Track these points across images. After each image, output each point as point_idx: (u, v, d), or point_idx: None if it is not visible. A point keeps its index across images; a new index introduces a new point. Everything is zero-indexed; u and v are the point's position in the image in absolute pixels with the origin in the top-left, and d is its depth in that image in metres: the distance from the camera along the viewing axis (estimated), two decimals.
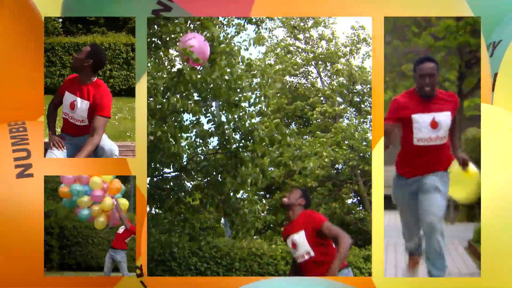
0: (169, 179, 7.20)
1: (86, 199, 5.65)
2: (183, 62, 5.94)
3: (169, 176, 7.20)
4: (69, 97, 4.42)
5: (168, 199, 7.28)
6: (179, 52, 5.89)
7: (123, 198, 5.86)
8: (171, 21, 6.28)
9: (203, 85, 5.99)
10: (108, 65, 9.42)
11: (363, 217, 12.57)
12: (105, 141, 4.42)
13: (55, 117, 4.56)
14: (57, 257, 9.55)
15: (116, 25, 10.16)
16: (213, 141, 6.76)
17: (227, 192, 6.81)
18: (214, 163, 6.75)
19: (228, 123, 6.13)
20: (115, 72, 9.67)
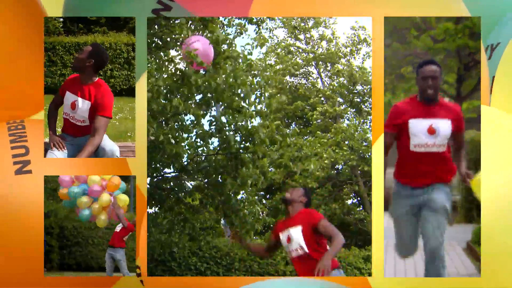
0: (169, 179, 7.19)
1: (85, 199, 5.63)
2: (187, 65, 5.89)
3: (169, 176, 7.19)
4: (70, 97, 4.38)
5: (168, 199, 7.27)
6: (183, 54, 5.85)
7: (123, 194, 5.83)
8: (172, 22, 6.27)
9: (206, 89, 5.96)
10: (109, 65, 9.40)
11: (363, 218, 12.57)
12: (106, 141, 4.40)
13: (55, 117, 4.51)
14: (57, 257, 9.55)
15: (117, 25, 10.13)
16: (214, 142, 6.75)
17: (227, 193, 6.80)
18: (214, 164, 6.73)
19: (229, 124, 6.11)
20: (116, 72, 9.66)
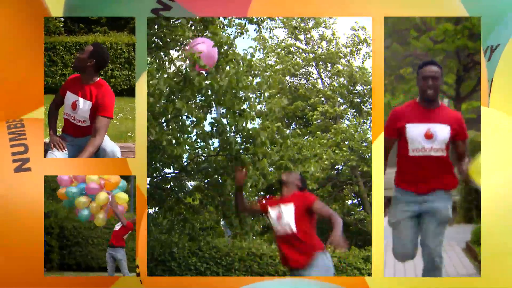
0: (169, 179, 7.18)
1: (83, 199, 5.64)
2: (190, 66, 5.85)
3: (169, 176, 7.18)
4: (71, 97, 4.36)
5: (168, 199, 7.27)
6: (186, 56, 5.82)
7: (122, 192, 5.82)
8: (172, 22, 6.26)
9: (208, 91, 5.93)
10: (109, 65, 9.39)
11: (363, 218, 12.57)
12: (107, 142, 4.37)
13: (56, 117, 4.49)
14: (57, 257, 9.55)
15: (118, 25, 10.12)
16: (214, 142, 6.74)
17: (227, 194, 6.80)
18: (215, 165, 6.72)
19: (229, 126, 6.09)
20: (116, 72, 9.65)
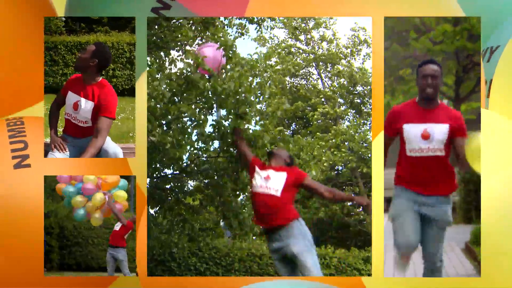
0: (169, 179, 7.17)
1: (79, 198, 5.64)
2: (193, 69, 5.82)
3: (170, 176, 7.17)
4: (72, 97, 4.34)
5: (168, 199, 7.26)
6: (189, 58, 5.80)
7: (121, 190, 5.82)
8: (172, 23, 6.25)
9: (209, 93, 5.92)
10: (111, 65, 9.38)
11: (363, 219, 12.57)
12: (109, 144, 4.36)
13: (57, 117, 4.48)
14: (57, 257, 9.56)
15: (119, 24, 10.11)
16: (215, 143, 6.72)
17: (227, 195, 6.79)
18: (215, 167, 6.71)
19: (230, 128, 6.07)
20: (118, 71, 9.64)
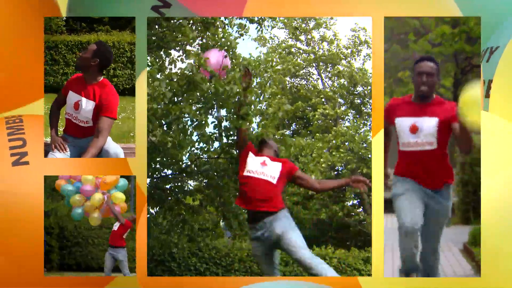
0: (169, 179, 7.17)
1: (77, 197, 5.64)
2: (195, 69, 5.81)
3: (170, 176, 7.17)
4: (73, 97, 4.33)
5: (168, 199, 7.25)
6: (193, 60, 5.79)
7: (119, 192, 5.82)
8: (173, 23, 6.24)
9: (212, 94, 5.91)
10: (112, 64, 9.37)
11: (363, 219, 12.56)
12: (110, 144, 4.34)
13: (57, 117, 4.46)
14: (57, 257, 9.56)
15: (120, 24, 10.08)
16: (215, 144, 6.71)
17: (227, 195, 6.79)
18: (215, 167, 6.71)
19: (232, 129, 6.07)
20: (119, 71, 9.61)
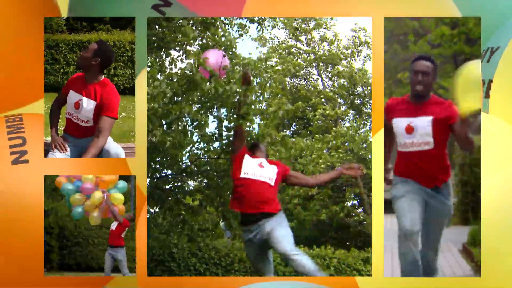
0: (169, 179, 7.17)
1: (77, 196, 5.65)
2: (194, 69, 5.81)
3: (170, 176, 7.17)
4: (74, 96, 4.33)
5: (168, 200, 7.25)
6: (190, 58, 5.79)
7: (118, 193, 5.82)
8: (173, 23, 6.24)
9: (213, 94, 5.91)
10: (112, 63, 9.36)
11: (363, 219, 12.55)
12: (110, 144, 4.35)
13: (58, 116, 4.46)
14: (57, 257, 9.54)
15: (120, 23, 10.08)
16: (215, 144, 6.71)
17: (227, 195, 6.79)
18: (215, 168, 6.71)
19: (232, 129, 6.07)
20: (119, 70, 9.61)
